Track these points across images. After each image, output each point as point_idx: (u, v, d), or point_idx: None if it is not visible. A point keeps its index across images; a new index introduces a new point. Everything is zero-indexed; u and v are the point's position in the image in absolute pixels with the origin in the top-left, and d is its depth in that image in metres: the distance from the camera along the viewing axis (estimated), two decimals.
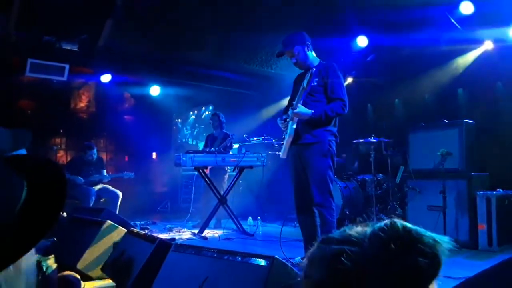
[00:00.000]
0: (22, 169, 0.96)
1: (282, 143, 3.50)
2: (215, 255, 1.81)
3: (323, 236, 0.78)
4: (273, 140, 6.89)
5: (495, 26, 5.39)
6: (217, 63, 7.58)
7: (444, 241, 0.71)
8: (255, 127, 8.08)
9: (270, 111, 8.21)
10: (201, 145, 8.47)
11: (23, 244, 0.90)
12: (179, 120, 9.86)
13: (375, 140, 5.50)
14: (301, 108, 3.29)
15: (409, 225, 0.71)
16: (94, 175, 5.97)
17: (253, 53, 7.37)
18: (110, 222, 2.91)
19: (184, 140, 9.83)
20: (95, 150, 6.12)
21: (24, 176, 0.94)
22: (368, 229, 0.73)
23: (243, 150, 6.47)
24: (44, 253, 2.89)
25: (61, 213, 4.53)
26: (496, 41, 5.59)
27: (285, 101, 3.90)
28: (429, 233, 0.71)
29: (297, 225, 4.22)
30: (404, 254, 0.67)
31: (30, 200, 0.92)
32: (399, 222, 0.71)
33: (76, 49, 6.43)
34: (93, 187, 5.90)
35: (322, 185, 3.32)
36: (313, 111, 3.30)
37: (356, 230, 0.74)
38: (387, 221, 0.71)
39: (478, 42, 5.73)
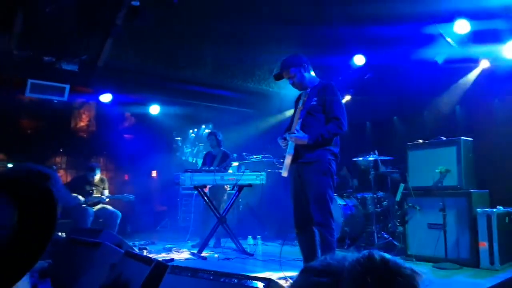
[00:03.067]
0: (12, 193, 0.96)
1: (283, 161, 3.51)
2: (211, 277, 1.79)
3: (305, 265, 0.78)
4: (274, 160, 6.89)
5: (490, 44, 5.45)
6: (216, 82, 7.63)
7: (423, 272, 0.70)
8: (255, 145, 8.09)
9: (269, 129, 8.24)
10: (200, 163, 8.48)
11: (17, 269, 0.90)
12: (179, 138, 9.88)
13: (374, 158, 5.51)
14: (297, 134, 3.34)
15: (387, 256, 0.71)
16: (94, 195, 5.98)
17: (252, 72, 7.44)
18: (107, 243, 2.89)
19: (184, 158, 9.83)
20: (98, 171, 6.16)
21: (14, 200, 0.94)
22: (348, 258, 0.73)
23: (243, 168, 6.47)
24: (41, 275, 2.87)
25: (59, 234, 4.50)
26: (492, 59, 5.64)
27: (284, 119, 3.92)
28: (407, 264, 0.70)
29: (297, 244, 4.19)
30: (382, 287, 0.66)
31: (21, 224, 0.92)
32: (377, 253, 0.71)
33: (76, 70, 6.49)
34: (92, 207, 5.89)
35: (322, 204, 3.31)
36: (308, 136, 3.32)
37: (337, 258, 0.74)
38: (365, 252, 0.71)
39: (474, 60, 5.78)
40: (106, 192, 6.17)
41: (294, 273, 3.66)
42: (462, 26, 5.37)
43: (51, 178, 1.55)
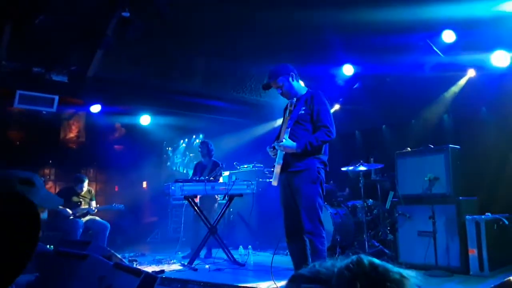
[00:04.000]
0: None
1: (273, 171, 3.52)
2: None
3: (294, 273, 0.78)
4: (264, 170, 6.89)
5: (477, 53, 5.54)
6: (207, 92, 7.65)
7: (412, 276, 0.71)
8: (245, 155, 8.09)
9: (260, 138, 8.26)
10: (191, 173, 8.45)
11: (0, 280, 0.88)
12: (169, 148, 9.85)
13: (364, 166, 5.53)
14: (286, 142, 3.35)
15: (376, 261, 0.71)
16: (82, 207, 5.90)
17: (242, 82, 7.47)
18: (95, 255, 2.85)
19: (175, 168, 9.79)
20: (85, 183, 6.09)
21: None
22: (337, 264, 0.73)
23: (233, 178, 6.46)
24: None
25: (47, 247, 4.44)
26: (478, 67, 5.74)
27: (274, 128, 3.93)
28: (396, 269, 0.70)
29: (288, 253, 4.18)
30: None
31: (1, 237, 0.90)
32: (366, 258, 0.71)
33: (65, 81, 6.46)
34: (81, 219, 5.82)
35: (311, 213, 3.32)
36: (297, 144, 3.33)
37: (326, 265, 0.74)
38: (353, 257, 0.71)
39: (461, 68, 5.87)
40: (94, 203, 6.10)
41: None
42: (449, 36, 5.47)
43: (32, 181, 1.52)
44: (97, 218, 5.98)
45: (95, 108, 7.36)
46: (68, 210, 5.72)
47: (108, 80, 6.82)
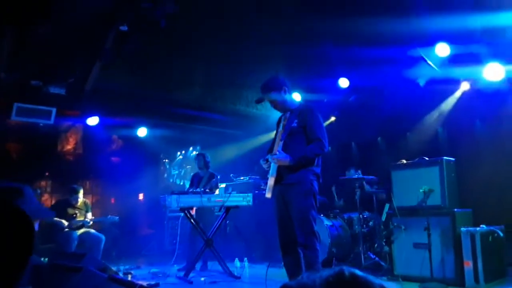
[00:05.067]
0: None
1: (267, 183, 3.53)
2: None
3: (282, 284, 0.80)
4: (260, 182, 6.90)
5: (470, 66, 5.60)
6: (204, 104, 7.70)
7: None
8: (242, 166, 8.11)
9: (256, 150, 8.28)
10: (188, 185, 8.46)
11: None
12: (166, 160, 9.86)
13: (359, 177, 5.56)
14: (279, 155, 3.36)
15: (358, 272, 0.73)
16: (77, 219, 5.88)
17: (239, 94, 7.53)
18: (89, 268, 2.85)
19: (171, 180, 9.79)
20: (80, 194, 6.07)
21: None
22: (323, 276, 0.75)
23: (230, 190, 6.46)
24: None
25: (41, 259, 4.42)
26: (472, 81, 5.80)
27: (270, 140, 3.96)
28: (378, 281, 0.72)
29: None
30: None
31: None
32: (348, 269, 0.73)
33: (63, 93, 6.50)
34: (76, 231, 5.79)
35: (305, 225, 3.33)
36: (290, 157, 3.35)
37: (313, 277, 0.75)
38: (336, 268, 0.73)
39: (455, 82, 5.94)
40: (90, 215, 6.07)
41: None
42: (442, 49, 5.53)
43: (22, 192, 1.53)
44: (91, 230, 5.94)
45: (93, 121, 7.39)
46: (63, 221, 5.70)
47: (105, 92, 6.86)
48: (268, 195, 3.48)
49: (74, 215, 5.91)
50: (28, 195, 1.47)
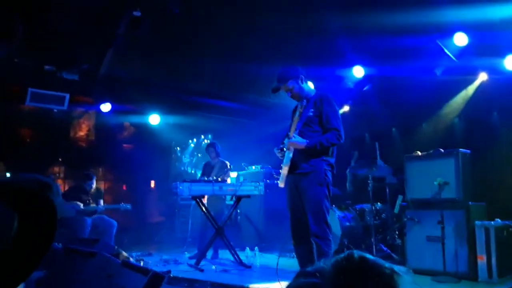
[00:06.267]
0: (12, 200, 0.97)
1: (280, 172, 3.52)
2: None
3: (299, 270, 0.79)
4: (272, 171, 6.88)
5: (489, 57, 5.48)
6: (217, 92, 7.68)
7: (402, 271, 0.71)
8: (254, 156, 8.09)
9: (268, 139, 8.24)
10: (199, 173, 8.47)
11: (15, 277, 0.90)
12: (178, 148, 9.88)
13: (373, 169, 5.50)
14: (296, 138, 3.35)
15: (367, 256, 0.72)
16: (90, 205, 5.94)
17: (252, 82, 7.47)
18: (104, 253, 2.87)
19: (183, 168, 9.82)
20: (94, 180, 6.14)
21: (15, 208, 0.95)
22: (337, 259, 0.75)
23: (241, 179, 6.46)
24: (37, 285, 2.85)
25: (55, 244, 4.48)
26: (490, 71, 5.67)
27: (283, 130, 3.92)
28: (387, 264, 0.71)
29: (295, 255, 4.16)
30: (359, 286, 0.68)
31: (21, 230, 0.93)
32: (357, 253, 0.72)
33: (76, 79, 6.51)
34: (89, 217, 5.86)
35: (318, 215, 3.31)
36: (308, 141, 3.33)
37: (329, 262, 0.75)
38: (346, 252, 0.73)
39: (473, 72, 5.82)
40: (102, 202, 6.14)
41: None
42: (461, 39, 5.41)
43: (51, 187, 1.55)
44: (104, 216, 6.02)
45: (105, 107, 7.41)
46: (78, 203, 5.75)
47: (118, 79, 6.87)
48: (281, 184, 3.47)
49: (88, 201, 5.97)
50: (56, 191, 1.50)
